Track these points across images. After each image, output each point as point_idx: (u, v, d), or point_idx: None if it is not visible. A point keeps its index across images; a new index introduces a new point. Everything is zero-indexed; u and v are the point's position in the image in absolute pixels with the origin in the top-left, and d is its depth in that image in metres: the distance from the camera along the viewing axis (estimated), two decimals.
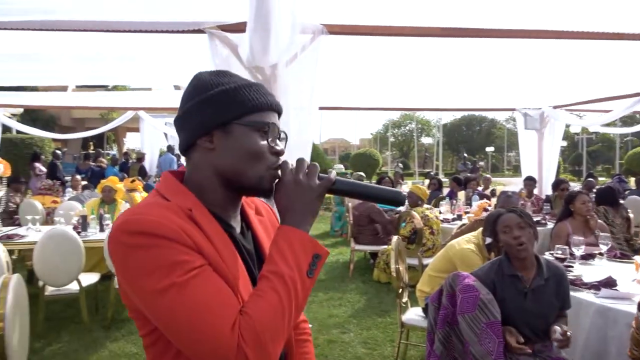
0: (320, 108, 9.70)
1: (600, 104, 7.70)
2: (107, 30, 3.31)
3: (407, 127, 48.50)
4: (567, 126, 19.72)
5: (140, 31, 3.34)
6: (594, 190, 6.32)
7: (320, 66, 3.97)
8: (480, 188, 8.40)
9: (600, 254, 3.46)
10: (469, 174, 9.53)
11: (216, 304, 0.82)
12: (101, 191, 5.47)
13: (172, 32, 3.40)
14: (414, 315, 3.21)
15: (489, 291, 2.22)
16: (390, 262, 3.38)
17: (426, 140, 47.27)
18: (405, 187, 8.84)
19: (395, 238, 3.35)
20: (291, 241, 0.90)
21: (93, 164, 11.43)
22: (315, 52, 3.77)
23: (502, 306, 2.21)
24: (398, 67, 5.61)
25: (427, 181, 9.48)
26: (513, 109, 9.18)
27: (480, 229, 2.99)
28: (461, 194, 6.70)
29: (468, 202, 6.63)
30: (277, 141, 1.00)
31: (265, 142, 0.95)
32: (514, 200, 3.84)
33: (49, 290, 3.99)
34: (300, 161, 0.98)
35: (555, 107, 8.48)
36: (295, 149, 3.87)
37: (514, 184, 8.62)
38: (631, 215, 4.79)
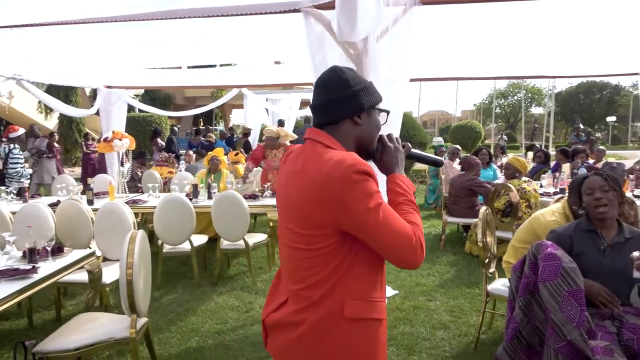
0: (418, 80, 9.54)
1: None
2: (215, 15, 3.62)
3: (515, 97, 45.36)
4: None
5: (245, 14, 3.60)
6: None
7: (416, 37, 3.96)
8: (591, 161, 7.75)
9: None
10: (577, 146, 8.77)
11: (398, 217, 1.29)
12: (207, 162, 6.03)
13: (273, 13, 3.63)
14: (500, 285, 3.20)
15: (565, 246, 2.27)
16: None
17: (537, 110, 43.96)
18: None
19: (482, 209, 3.33)
20: (405, 181, 1.42)
21: (203, 138, 12.42)
22: (407, 24, 3.78)
23: (579, 261, 2.21)
24: (503, 33, 5.32)
25: (530, 154, 8.93)
26: (636, 73, 8.25)
27: (565, 198, 2.89)
28: (566, 167, 6.27)
29: (574, 175, 6.19)
30: None
31: (380, 120, 1.43)
32: (618, 173, 3.58)
33: (166, 248, 4.57)
34: (391, 135, 1.49)
35: None
36: (386, 123, 3.95)
37: (637, 157, 7.76)
38: None
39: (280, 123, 13.14)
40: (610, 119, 36.08)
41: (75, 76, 7.33)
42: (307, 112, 12.36)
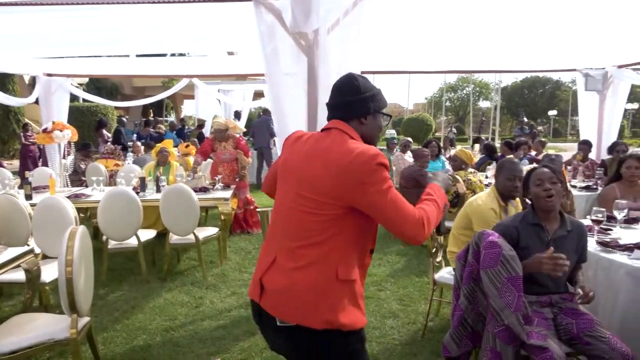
0: (371, 72, 9.65)
1: None
2: (165, 2, 3.50)
3: (464, 91, 46.80)
4: (638, 87, 18.26)
5: (195, 1, 3.50)
6: None
7: (368, 30, 3.97)
8: (533, 153, 8.13)
9: None
10: (520, 138, 9.17)
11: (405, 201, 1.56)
12: (156, 154, 5.85)
13: (224, 0, 3.54)
14: (445, 273, 3.30)
15: (512, 238, 2.34)
16: None
17: (484, 104, 45.59)
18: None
19: None
20: (436, 190, 1.71)
21: (152, 130, 12.05)
22: (358, 15, 3.78)
23: (525, 254, 2.28)
24: (454, 28, 5.44)
25: (477, 146, 9.26)
26: (574, 69, 8.70)
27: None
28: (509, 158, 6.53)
29: None
30: None
31: (383, 123, 1.73)
32: (557, 164, 3.77)
33: (112, 244, 4.41)
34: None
35: (620, 67, 7.96)
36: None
37: (575, 149, 8.24)
38: None
39: (237, 114, 12.95)
40: (552, 113, 37.97)
41: (12, 62, 6.90)
42: (261, 103, 12.22)
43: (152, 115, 20.39)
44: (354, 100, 1.65)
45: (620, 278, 2.40)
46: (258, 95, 13.66)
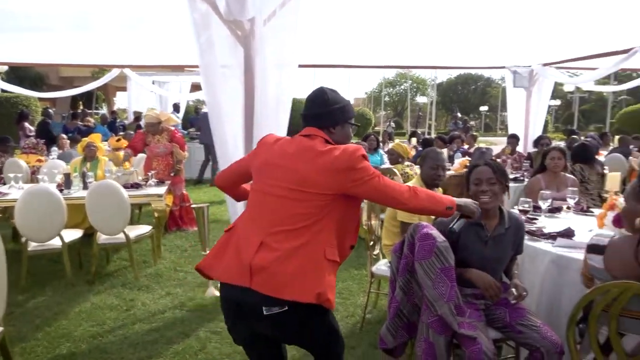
0: (311, 66, 9.63)
1: (591, 61, 7.64)
2: None
3: (402, 86, 47.99)
4: (560, 85, 19.58)
5: None
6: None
7: (307, 22, 3.89)
8: (466, 146, 8.46)
9: (568, 207, 3.57)
10: (454, 132, 9.53)
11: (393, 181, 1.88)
12: (82, 149, 5.48)
13: None
14: (383, 266, 3.33)
15: (453, 242, 2.29)
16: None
17: (421, 99, 46.85)
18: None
19: None
20: (451, 198, 1.97)
21: (80, 123, 11.34)
22: (295, 7, 3.70)
23: (465, 252, 2.33)
24: (392, 24, 5.51)
25: (414, 139, 9.51)
26: (503, 67, 9.12)
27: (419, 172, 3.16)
28: (444, 152, 6.75)
29: (451, 159, 6.70)
30: None
31: (351, 132, 2.00)
32: (487, 157, 3.91)
33: (32, 246, 4.08)
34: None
35: (544, 65, 8.43)
36: (274, 108, 3.87)
37: (504, 143, 8.71)
38: (606, 172, 4.86)
39: (176, 107, 12.49)
40: (483, 108, 39.84)
41: None
42: (199, 95, 11.84)
43: (81, 107, 19.24)
44: (322, 113, 1.89)
45: (545, 266, 2.49)
46: (196, 87, 13.23)
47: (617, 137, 9.35)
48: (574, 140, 8.05)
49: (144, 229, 4.59)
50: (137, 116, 12.08)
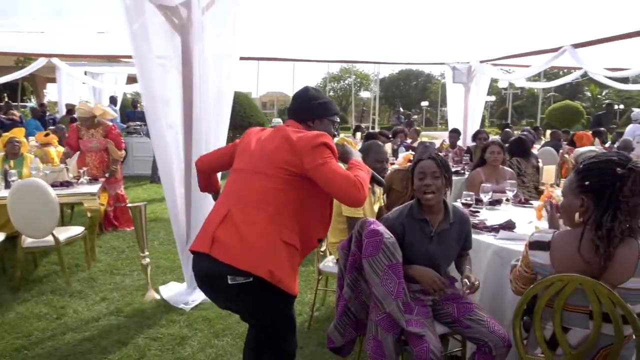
0: (255, 58, 9.41)
1: (524, 59, 8.00)
2: None
3: (346, 81, 48.43)
4: (495, 81, 20.50)
5: None
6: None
7: (251, 13, 3.73)
8: (409, 140, 8.60)
9: (507, 199, 3.68)
10: (397, 127, 9.68)
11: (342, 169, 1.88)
12: (3, 145, 5.03)
13: None
14: (330, 262, 3.27)
15: (398, 234, 2.29)
16: None
17: (364, 94, 47.59)
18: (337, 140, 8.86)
19: None
20: (362, 164, 2.04)
21: (4, 116, 10.50)
22: None
23: (410, 250, 2.31)
24: (337, 19, 5.47)
25: (358, 134, 9.56)
26: (442, 63, 9.36)
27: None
28: (388, 146, 6.82)
29: (394, 153, 6.77)
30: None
31: (331, 128, 2.10)
32: (431, 151, 3.93)
33: None
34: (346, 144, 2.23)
35: (482, 62, 8.73)
36: (215, 101, 3.71)
37: (444, 137, 9.00)
38: (540, 164, 5.08)
39: (112, 100, 11.84)
40: (424, 103, 41.11)
41: None
42: (136, 87, 11.28)
43: (5, 99, 17.83)
44: (303, 107, 2.07)
45: (488, 258, 2.53)
46: (132, 79, 12.61)
47: (548, 131, 9.85)
48: (508, 134, 8.42)
49: (76, 230, 4.26)
50: (70, 109, 11.34)
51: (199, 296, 3.62)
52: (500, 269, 2.47)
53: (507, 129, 9.33)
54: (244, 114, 11.06)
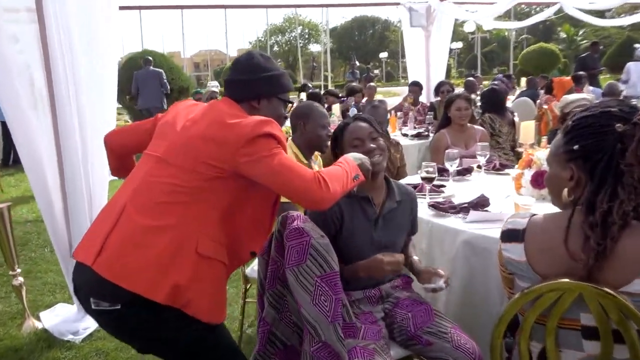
0: (176, 7, 8.73)
1: None
2: None
3: (292, 33, 47.53)
4: (460, 26, 20.46)
5: None
6: (478, 93, 6.44)
7: None
8: (365, 100, 8.26)
9: (479, 166, 3.39)
10: (352, 84, 9.32)
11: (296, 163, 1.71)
12: None
13: None
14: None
15: (334, 223, 2.06)
16: None
17: (314, 47, 46.98)
18: None
19: None
20: (347, 161, 1.83)
21: None
22: None
23: (351, 240, 2.07)
24: None
25: (304, 95, 9.10)
26: (397, 3, 9.04)
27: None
28: (336, 108, 6.45)
29: (344, 116, 6.42)
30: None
31: (284, 111, 1.93)
32: (381, 112, 3.59)
33: None
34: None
35: (442, 0, 8.45)
36: (88, 65, 3.20)
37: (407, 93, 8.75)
38: (516, 119, 4.86)
39: None
40: (383, 55, 40.87)
41: None
42: None
43: None
44: (244, 80, 1.80)
45: (457, 248, 2.23)
46: None
47: (523, 79, 9.77)
48: (471, 84, 8.15)
49: None
50: None
51: (92, 322, 3.18)
52: (473, 261, 2.19)
53: (470, 78, 9.13)
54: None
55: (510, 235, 1.44)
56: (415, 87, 7.34)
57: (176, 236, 1.58)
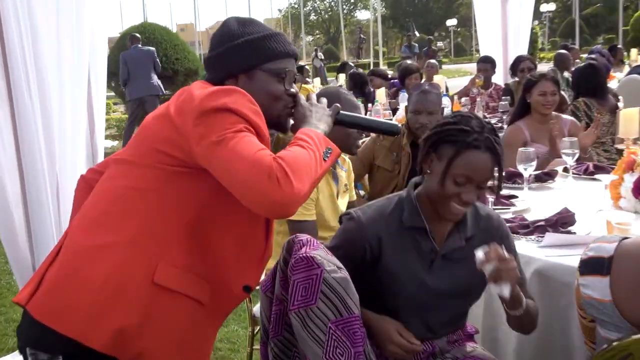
0: None
1: None
2: None
3: None
4: None
5: None
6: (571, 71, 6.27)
7: None
8: (424, 82, 8.19)
9: (565, 170, 3.33)
10: (407, 62, 9.24)
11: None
12: None
13: None
14: None
15: (371, 252, 1.93)
16: None
17: (363, 15, 47.19)
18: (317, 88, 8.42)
19: None
20: (309, 134, 1.63)
21: None
22: None
23: (393, 281, 1.95)
24: None
25: (342, 76, 9.12)
26: None
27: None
28: (380, 94, 6.42)
29: (392, 104, 6.40)
30: (293, 84, 1.79)
31: (281, 86, 1.73)
32: (432, 99, 3.52)
33: None
34: (310, 94, 1.82)
35: None
36: (55, 46, 3.27)
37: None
38: (621, 105, 4.72)
39: None
40: (451, 22, 40.60)
41: None
42: None
43: None
44: (215, 55, 1.74)
45: (528, 281, 2.18)
46: None
47: (634, 50, 9.49)
48: (563, 58, 7.94)
49: None
50: None
51: None
52: (547, 301, 2.16)
53: (563, 50, 8.93)
54: (164, 57, 10.46)
55: (591, 266, 1.46)
56: (486, 64, 7.22)
57: (125, 259, 1.51)
